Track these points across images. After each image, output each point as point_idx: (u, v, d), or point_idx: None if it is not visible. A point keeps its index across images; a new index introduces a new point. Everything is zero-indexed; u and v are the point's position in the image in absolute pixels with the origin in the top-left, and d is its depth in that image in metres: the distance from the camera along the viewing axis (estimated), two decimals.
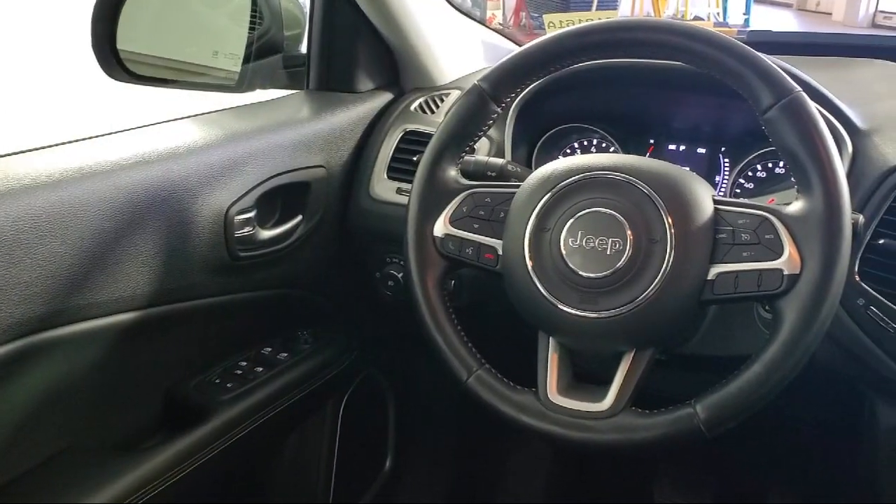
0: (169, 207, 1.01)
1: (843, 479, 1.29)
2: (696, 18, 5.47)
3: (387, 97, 1.34)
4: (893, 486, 1.04)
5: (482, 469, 1.79)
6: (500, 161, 1.06)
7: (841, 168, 0.79)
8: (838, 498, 1.45)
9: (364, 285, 1.28)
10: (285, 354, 1.28)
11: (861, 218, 0.84)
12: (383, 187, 1.23)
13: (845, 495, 1.36)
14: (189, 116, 1.15)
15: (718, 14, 6.20)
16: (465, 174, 0.98)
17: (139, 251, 0.99)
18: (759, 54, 0.83)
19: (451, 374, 0.90)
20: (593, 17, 1.03)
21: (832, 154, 0.79)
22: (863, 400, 1.05)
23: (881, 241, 0.95)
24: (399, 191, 1.21)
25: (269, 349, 1.29)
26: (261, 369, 1.23)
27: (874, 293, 0.95)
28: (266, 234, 1.14)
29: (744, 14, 6.65)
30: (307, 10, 1.35)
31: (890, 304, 0.94)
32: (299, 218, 1.19)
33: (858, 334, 0.97)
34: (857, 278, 0.95)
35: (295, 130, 1.19)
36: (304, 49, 1.37)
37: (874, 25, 8.26)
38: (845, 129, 1.01)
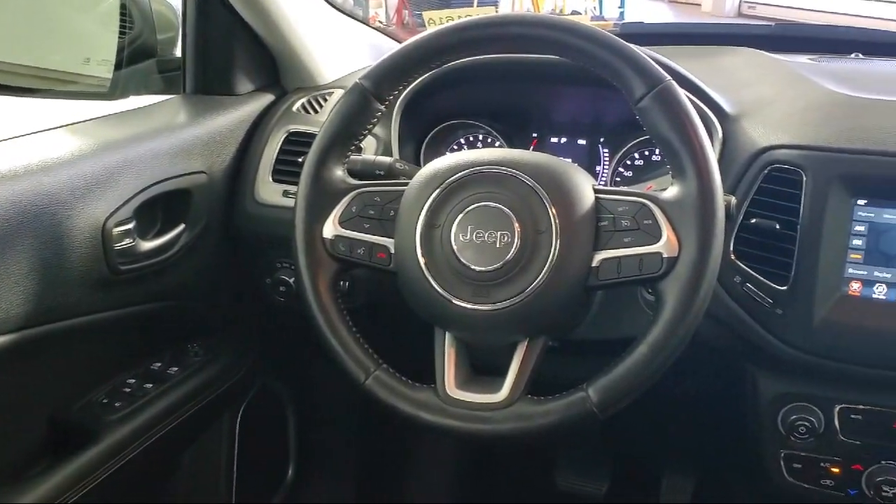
0: (41, 223, 0.96)
1: (732, 450, 1.35)
2: (574, 13, 5.61)
3: (268, 98, 1.31)
4: (777, 455, 1.10)
5: (387, 469, 1.78)
6: (387, 159, 1.06)
7: (712, 153, 0.82)
8: (729, 468, 1.52)
9: (255, 292, 1.26)
10: (175, 369, 1.24)
11: (733, 199, 0.88)
12: (268, 191, 1.20)
13: (735, 466, 1.43)
14: (59, 126, 1.09)
15: (595, 8, 6.37)
16: (353, 174, 0.98)
17: (11, 271, 0.93)
18: (631, 46, 0.85)
19: (348, 376, 0.89)
20: (473, 14, 1.04)
21: (703, 140, 0.82)
22: (745, 373, 1.10)
23: (753, 221, 0.99)
24: (285, 193, 1.19)
25: (159, 364, 1.25)
26: (150, 386, 1.19)
27: (749, 271, 1.00)
28: (147, 245, 1.10)
29: (619, 7, 6.85)
30: (180, 12, 1.31)
31: (765, 280, 0.99)
32: (182, 227, 1.15)
33: (737, 311, 1.01)
34: (733, 257, 1.00)
35: (173, 136, 1.15)
36: (179, 52, 1.33)
37: (740, 15, 8.67)
38: (715, 114, 1.06)
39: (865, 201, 0.97)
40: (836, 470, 1.07)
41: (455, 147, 1.30)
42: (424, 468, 1.78)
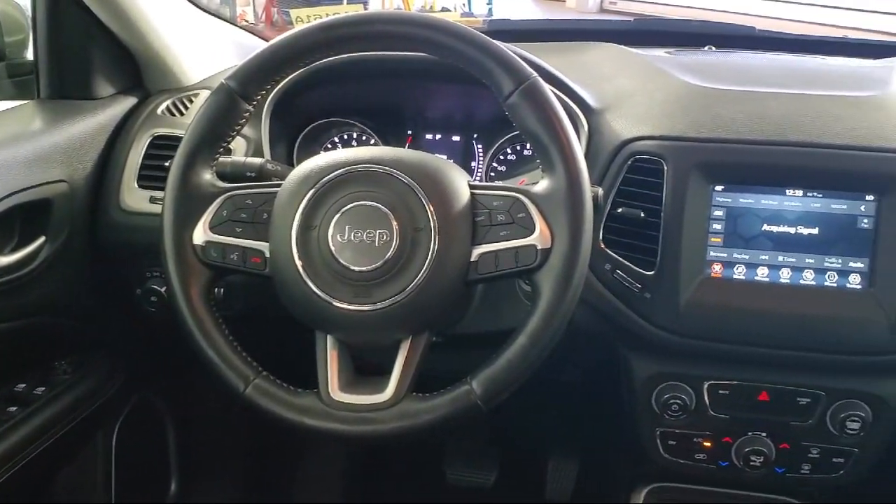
0: None
1: (612, 431, 1.40)
2: (444, 10, 5.66)
3: (130, 101, 1.26)
4: (653, 433, 1.15)
5: (275, 476, 1.75)
6: (258, 160, 1.04)
7: (578, 146, 0.85)
8: (609, 449, 1.57)
9: (125, 304, 1.20)
10: (42, 389, 1.18)
11: (600, 190, 0.92)
12: (134, 197, 1.16)
13: (615, 446, 1.48)
14: None
15: (464, 4, 6.45)
16: (223, 177, 0.95)
17: None
18: (497, 43, 0.87)
19: (227, 387, 0.87)
20: (342, 12, 1.03)
21: (570, 134, 0.84)
22: (619, 356, 1.14)
23: (620, 210, 1.03)
24: (152, 199, 1.14)
25: (24, 385, 1.18)
26: (15, 409, 1.13)
27: (619, 258, 1.03)
28: (5, 260, 1.03)
29: (487, 4, 6.95)
30: (30, 13, 1.23)
31: (633, 266, 1.03)
32: (42, 239, 1.09)
33: (609, 297, 1.05)
34: (603, 246, 1.04)
35: (28, 144, 1.09)
36: (31, 55, 1.26)
37: (602, 10, 8.97)
38: (580, 109, 1.09)
39: (723, 187, 1.02)
40: (708, 444, 1.13)
41: (329, 146, 1.29)
42: (314, 469, 1.77)
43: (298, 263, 0.85)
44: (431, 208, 0.85)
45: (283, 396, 0.86)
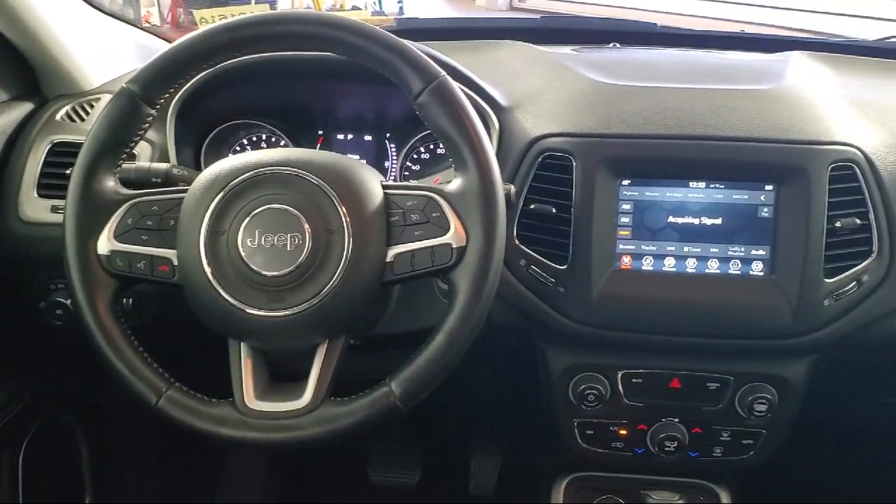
0: None
1: (532, 425, 1.42)
2: (355, 9, 5.62)
3: (26, 107, 1.21)
4: (571, 423, 1.17)
5: (195, 481, 1.71)
6: (163, 165, 1.02)
7: (489, 145, 0.86)
8: (530, 442, 1.59)
9: (28, 318, 1.16)
10: None
11: (512, 188, 0.93)
12: (34, 207, 1.11)
13: (536, 439, 1.50)
14: None
15: (375, 3, 6.41)
16: (127, 183, 0.93)
17: None
18: (405, 42, 0.87)
19: (139, 399, 0.85)
20: (249, 12, 1.01)
21: (480, 133, 0.85)
22: (536, 350, 1.16)
23: (532, 207, 1.05)
24: (54, 209, 1.10)
25: None
26: None
27: (533, 253, 1.05)
28: None
29: (398, 2, 6.94)
30: None
31: (546, 261, 1.05)
32: None
33: (524, 292, 1.07)
34: (517, 242, 1.05)
35: None
36: None
37: (512, 9, 9.05)
38: (490, 107, 1.10)
39: (629, 181, 1.05)
40: (624, 432, 1.16)
41: (238, 149, 1.26)
42: (236, 476, 1.74)
43: (208, 270, 0.84)
44: (344, 209, 0.84)
45: (198, 407, 0.84)
